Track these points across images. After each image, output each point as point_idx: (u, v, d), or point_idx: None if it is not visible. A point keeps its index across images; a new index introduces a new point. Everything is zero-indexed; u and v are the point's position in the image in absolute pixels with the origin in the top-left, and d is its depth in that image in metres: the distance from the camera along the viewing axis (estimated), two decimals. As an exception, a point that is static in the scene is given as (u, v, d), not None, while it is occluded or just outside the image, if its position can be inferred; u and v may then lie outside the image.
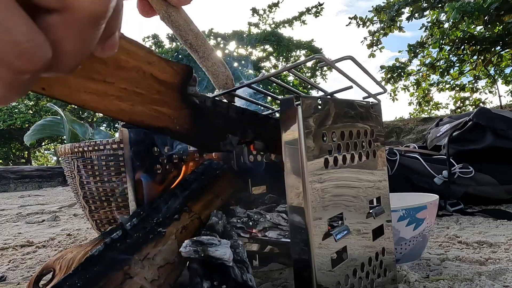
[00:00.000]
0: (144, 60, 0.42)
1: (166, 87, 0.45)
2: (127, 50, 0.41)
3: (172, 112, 0.46)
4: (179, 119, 0.47)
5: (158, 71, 0.44)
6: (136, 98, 0.42)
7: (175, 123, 0.47)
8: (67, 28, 0.17)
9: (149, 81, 0.43)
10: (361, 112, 0.60)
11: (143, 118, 0.44)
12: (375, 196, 0.62)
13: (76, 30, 0.17)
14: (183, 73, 0.46)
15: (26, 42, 0.16)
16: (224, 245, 0.51)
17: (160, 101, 0.45)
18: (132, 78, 0.42)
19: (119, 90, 0.41)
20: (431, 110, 7.79)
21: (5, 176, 4.97)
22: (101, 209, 1.15)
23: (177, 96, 0.47)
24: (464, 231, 1.09)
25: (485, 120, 1.49)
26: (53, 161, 14.45)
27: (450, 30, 4.56)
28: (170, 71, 0.45)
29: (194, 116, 0.49)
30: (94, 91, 0.39)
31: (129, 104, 0.42)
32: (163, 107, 0.45)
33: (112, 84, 0.40)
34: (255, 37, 9.61)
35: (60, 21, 0.17)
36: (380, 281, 0.61)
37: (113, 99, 0.40)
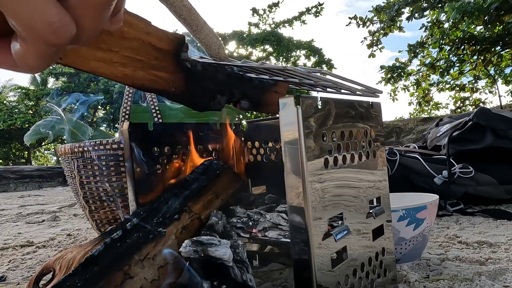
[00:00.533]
0: (143, 30, 0.48)
1: (162, 53, 0.50)
2: (129, 23, 0.46)
3: (168, 75, 0.52)
4: (175, 82, 0.52)
5: (156, 39, 0.49)
6: (137, 64, 0.47)
7: (171, 85, 0.52)
8: (86, 8, 0.20)
9: (148, 49, 0.48)
10: (361, 112, 0.60)
11: (144, 82, 0.49)
12: (375, 196, 0.62)
13: (93, 9, 0.21)
14: (177, 41, 0.52)
15: (57, 21, 0.19)
16: (224, 245, 0.51)
17: (158, 66, 0.50)
18: (133, 47, 0.47)
19: (122, 57, 0.46)
20: (431, 110, 7.79)
21: (5, 176, 4.96)
22: (101, 209, 1.15)
23: (172, 61, 0.52)
24: (464, 231, 1.09)
25: (485, 120, 1.49)
26: (53, 161, 14.45)
27: (450, 30, 4.56)
28: (166, 39, 0.51)
29: (187, 79, 0.54)
30: (102, 59, 0.44)
31: (131, 69, 0.47)
32: (160, 72, 0.51)
33: (116, 52, 0.45)
34: (255, 37, 9.62)
35: (80, 2, 0.20)
36: (380, 281, 0.61)
37: (118, 66, 0.45)
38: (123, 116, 1.16)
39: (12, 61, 0.21)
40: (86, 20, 0.21)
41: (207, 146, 0.85)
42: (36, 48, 0.20)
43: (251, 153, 0.90)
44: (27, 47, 0.20)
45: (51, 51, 0.20)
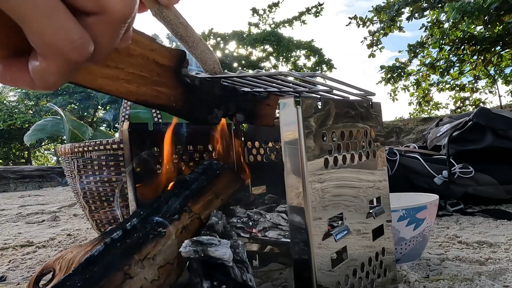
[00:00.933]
0: (148, 47, 0.49)
1: (164, 69, 0.52)
2: (135, 40, 0.47)
3: (169, 91, 0.53)
4: (175, 97, 0.54)
5: (159, 56, 0.51)
6: (141, 80, 0.49)
7: (172, 100, 0.54)
8: (104, 26, 0.21)
9: (151, 65, 0.50)
10: (361, 112, 0.60)
11: (147, 97, 0.50)
12: (375, 196, 0.62)
13: (110, 28, 0.21)
14: (178, 57, 0.54)
15: (78, 39, 0.20)
16: (224, 245, 0.51)
17: (160, 82, 0.52)
18: (138, 64, 0.48)
19: (127, 74, 0.47)
20: (431, 110, 7.79)
21: (5, 176, 4.96)
22: (101, 209, 1.15)
23: (173, 77, 0.53)
24: (464, 231, 1.09)
25: (485, 120, 1.49)
26: (53, 161, 14.45)
27: (450, 30, 4.56)
28: (168, 55, 0.52)
29: (186, 93, 0.56)
30: (109, 76, 0.45)
31: (136, 86, 0.49)
32: (162, 87, 0.52)
33: (122, 69, 0.46)
34: (255, 37, 9.61)
35: (98, 21, 0.21)
36: (380, 281, 0.61)
37: (123, 82, 0.47)
38: (123, 116, 1.16)
39: (30, 80, 0.22)
40: (103, 38, 0.22)
41: (207, 146, 0.85)
42: (57, 65, 0.21)
43: (251, 153, 0.91)
44: (48, 65, 0.21)
45: (70, 68, 0.21)
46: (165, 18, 0.47)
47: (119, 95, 0.47)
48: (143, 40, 0.48)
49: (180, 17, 0.48)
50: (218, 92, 0.62)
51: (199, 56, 0.54)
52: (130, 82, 0.48)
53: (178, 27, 0.49)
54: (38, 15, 0.19)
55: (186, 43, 0.52)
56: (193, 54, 0.54)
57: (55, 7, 0.19)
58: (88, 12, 0.21)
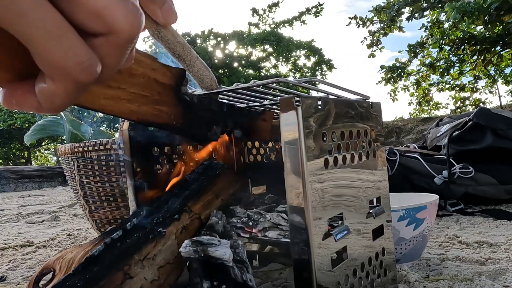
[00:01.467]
0: (150, 67, 0.49)
1: (165, 88, 0.52)
2: (137, 60, 0.47)
3: (169, 109, 0.53)
4: (175, 115, 0.54)
5: (160, 75, 0.51)
6: (142, 100, 0.49)
7: (172, 119, 0.54)
8: (111, 47, 0.21)
9: (152, 84, 0.50)
10: (361, 112, 0.60)
11: (148, 116, 0.50)
12: (375, 196, 0.62)
13: (118, 48, 0.22)
14: (178, 75, 0.54)
15: (86, 60, 0.20)
16: (224, 245, 0.51)
17: (160, 100, 0.52)
18: (140, 83, 0.48)
19: (129, 94, 0.47)
20: (431, 110, 7.79)
21: (5, 176, 4.96)
22: (101, 209, 1.15)
23: (172, 95, 0.54)
24: (464, 231, 1.09)
25: (485, 120, 1.49)
26: (53, 161, 14.44)
27: (450, 30, 4.56)
28: (169, 74, 0.52)
29: (185, 112, 0.56)
30: (111, 97, 0.45)
31: (137, 105, 0.49)
32: (162, 106, 0.52)
33: (124, 89, 0.47)
34: (255, 37, 9.61)
35: (105, 42, 0.21)
36: (380, 281, 0.61)
37: (125, 102, 0.47)
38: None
39: (36, 103, 0.22)
40: (110, 58, 0.22)
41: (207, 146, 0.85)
42: (65, 87, 0.21)
43: (251, 153, 0.90)
44: (56, 87, 0.21)
45: (78, 89, 0.21)
46: (162, 38, 0.48)
47: (121, 115, 0.48)
48: (144, 60, 0.49)
49: (178, 36, 0.49)
50: (216, 109, 0.63)
51: (196, 74, 0.55)
52: (131, 101, 0.48)
53: (175, 46, 0.50)
54: (47, 37, 0.19)
55: (183, 62, 0.53)
56: (190, 72, 0.56)
57: (64, 29, 0.19)
58: (96, 33, 0.21)
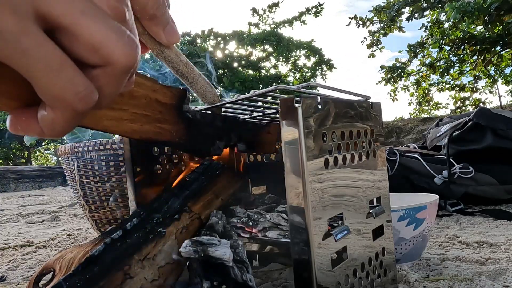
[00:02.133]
0: (151, 89, 0.52)
1: (166, 107, 0.55)
2: (138, 83, 0.50)
3: (171, 127, 0.56)
4: (177, 132, 0.56)
5: (161, 96, 0.53)
6: (144, 119, 0.51)
7: (175, 136, 0.56)
8: (108, 78, 0.23)
9: (154, 104, 0.53)
10: (361, 112, 0.60)
11: (150, 135, 0.53)
12: (375, 196, 0.62)
13: (114, 79, 0.23)
14: (179, 95, 0.56)
15: (83, 90, 0.21)
16: (224, 245, 0.51)
17: (162, 119, 0.54)
18: (141, 104, 0.51)
19: (131, 114, 0.50)
20: (431, 110, 7.79)
21: (5, 176, 4.96)
22: (101, 209, 1.15)
23: (174, 114, 0.56)
24: (464, 231, 1.09)
25: (485, 120, 1.49)
26: (53, 161, 14.44)
27: (450, 30, 4.56)
28: (170, 94, 0.55)
29: (188, 128, 0.58)
30: (113, 118, 0.47)
31: (139, 124, 0.51)
32: (164, 124, 0.54)
33: (126, 110, 0.49)
34: (255, 37, 9.61)
35: (102, 73, 0.22)
36: (380, 281, 0.61)
37: (127, 122, 0.49)
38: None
39: (39, 129, 0.23)
40: (107, 88, 0.23)
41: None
42: (64, 116, 0.22)
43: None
44: (56, 115, 0.22)
45: (77, 117, 0.23)
46: (166, 58, 0.50)
47: (124, 134, 0.50)
48: (145, 82, 0.51)
49: (181, 55, 0.51)
50: (219, 124, 0.65)
51: (199, 90, 0.57)
52: (134, 121, 0.50)
53: (178, 65, 0.52)
54: (47, 72, 0.20)
55: (186, 80, 0.55)
56: (193, 89, 0.58)
57: (63, 64, 0.20)
58: (94, 65, 0.22)
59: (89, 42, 0.21)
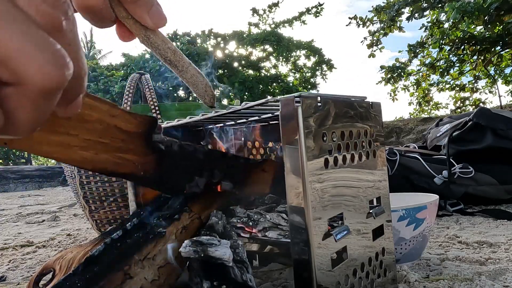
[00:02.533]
0: (108, 113, 0.45)
1: (130, 136, 0.48)
2: (90, 106, 0.43)
3: (136, 158, 0.49)
4: (144, 165, 0.50)
5: (121, 122, 0.47)
6: (99, 147, 0.45)
7: (140, 168, 0.49)
8: (20, 100, 0.18)
9: (113, 131, 0.46)
10: (361, 112, 0.60)
11: (107, 165, 0.46)
12: (375, 196, 0.62)
13: (29, 102, 0.18)
14: (147, 123, 0.49)
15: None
16: (224, 245, 0.51)
17: (125, 148, 0.47)
18: (96, 129, 0.44)
19: (83, 141, 0.43)
20: (431, 110, 7.79)
21: (5, 176, 4.96)
22: (101, 209, 1.15)
23: (142, 144, 0.49)
24: (464, 231, 1.09)
25: (485, 120, 1.49)
26: (53, 161, 14.43)
27: (450, 30, 4.56)
28: (134, 122, 0.48)
29: (159, 161, 0.51)
30: (57, 143, 0.41)
31: (93, 152, 0.45)
32: (127, 154, 0.48)
33: (76, 135, 0.42)
34: (255, 37, 9.61)
35: (13, 93, 0.18)
36: (380, 281, 0.61)
37: (77, 150, 0.43)
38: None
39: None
40: (21, 112, 0.19)
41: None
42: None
43: (251, 153, 0.90)
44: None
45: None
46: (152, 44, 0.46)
47: (72, 163, 0.44)
48: (100, 106, 0.44)
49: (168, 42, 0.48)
50: (200, 157, 0.56)
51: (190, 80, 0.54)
52: (86, 149, 0.44)
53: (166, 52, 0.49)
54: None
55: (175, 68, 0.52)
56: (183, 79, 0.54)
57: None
58: (3, 82, 0.18)
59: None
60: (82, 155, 0.44)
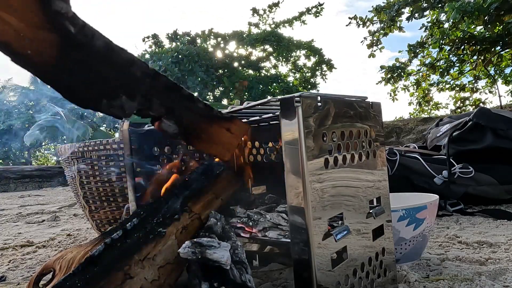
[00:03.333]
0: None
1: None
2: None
3: (23, 26, 0.34)
4: (36, 42, 0.35)
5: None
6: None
7: (27, 43, 0.34)
8: None
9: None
10: (361, 112, 0.60)
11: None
12: (375, 196, 0.62)
13: None
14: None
15: None
16: (223, 248, 0.51)
17: (6, 5, 0.34)
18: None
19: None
20: (431, 110, 7.78)
21: (5, 176, 4.96)
22: (101, 209, 1.15)
23: (35, 9, 0.35)
24: (464, 231, 1.09)
25: (485, 120, 1.49)
26: (53, 161, 14.43)
27: (450, 30, 4.56)
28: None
29: (63, 47, 0.36)
30: None
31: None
32: (9, 15, 0.34)
33: None
34: (255, 37, 9.60)
35: None
36: (380, 281, 0.61)
37: None
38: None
39: None
40: None
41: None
42: None
43: (251, 153, 0.90)
44: None
45: None
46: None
47: None
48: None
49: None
50: (138, 74, 0.40)
51: None
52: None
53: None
54: None
55: None
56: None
57: None
58: None
59: None
60: None
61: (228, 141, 0.52)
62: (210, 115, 0.49)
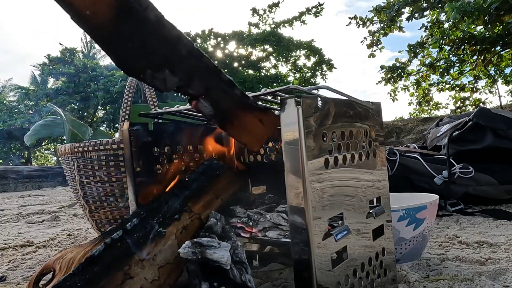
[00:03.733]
0: None
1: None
2: None
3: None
4: (95, 3, 0.36)
5: None
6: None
7: (87, 3, 0.35)
8: None
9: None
10: (361, 112, 0.60)
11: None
12: (375, 196, 0.62)
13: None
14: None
15: None
16: (223, 248, 0.51)
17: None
18: None
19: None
20: (431, 110, 7.78)
21: (5, 176, 4.96)
22: (101, 209, 1.15)
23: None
24: (464, 231, 1.09)
25: (485, 120, 1.49)
26: (53, 161, 14.43)
27: (450, 30, 4.56)
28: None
29: (119, 12, 0.37)
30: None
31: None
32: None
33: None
34: (255, 37, 9.61)
35: None
36: (380, 281, 0.61)
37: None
38: (123, 116, 1.16)
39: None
40: None
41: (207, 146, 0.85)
42: None
43: (251, 153, 0.90)
44: None
45: None
46: None
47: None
48: None
49: None
50: (183, 52, 0.41)
51: None
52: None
53: None
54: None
55: None
56: None
57: None
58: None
59: None
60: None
61: (260, 132, 0.52)
62: (246, 103, 0.51)
